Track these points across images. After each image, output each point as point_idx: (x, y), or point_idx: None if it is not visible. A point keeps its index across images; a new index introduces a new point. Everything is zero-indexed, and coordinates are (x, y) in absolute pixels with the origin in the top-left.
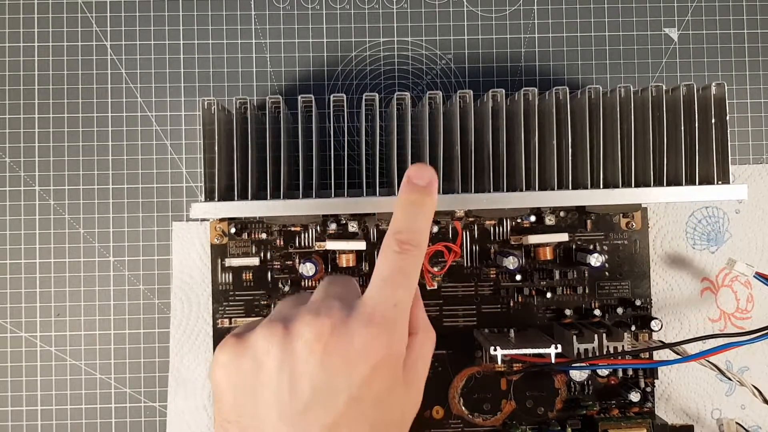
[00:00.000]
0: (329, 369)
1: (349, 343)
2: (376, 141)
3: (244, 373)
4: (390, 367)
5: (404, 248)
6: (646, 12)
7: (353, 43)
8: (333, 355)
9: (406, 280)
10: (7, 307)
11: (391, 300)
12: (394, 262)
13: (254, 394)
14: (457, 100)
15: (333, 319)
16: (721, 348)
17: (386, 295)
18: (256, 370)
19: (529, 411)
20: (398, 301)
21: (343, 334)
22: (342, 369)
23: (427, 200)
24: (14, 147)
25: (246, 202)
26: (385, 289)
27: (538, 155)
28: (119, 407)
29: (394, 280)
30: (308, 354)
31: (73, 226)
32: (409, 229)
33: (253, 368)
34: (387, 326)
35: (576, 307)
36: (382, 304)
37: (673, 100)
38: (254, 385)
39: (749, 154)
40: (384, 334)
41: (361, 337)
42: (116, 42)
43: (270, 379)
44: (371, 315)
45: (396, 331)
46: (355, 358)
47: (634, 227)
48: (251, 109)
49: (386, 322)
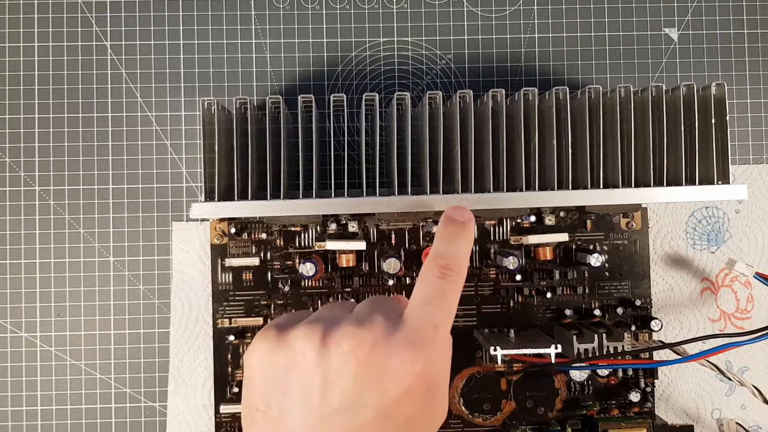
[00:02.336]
0: (362, 384)
1: (387, 362)
2: (376, 141)
3: (278, 366)
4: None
5: (444, 273)
6: (646, 12)
7: (353, 43)
8: (368, 371)
9: (445, 303)
10: (7, 307)
11: (431, 322)
12: (435, 286)
13: (284, 389)
14: (457, 100)
15: (374, 335)
16: (721, 348)
17: (427, 317)
18: (290, 367)
19: (529, 411)
20: (438, 324)
21: (381, 353)
22: (375, 386)
23: (466, 233)
24: (14, 147)
25: (246, 202)
26: (425, 311)
27: (538, 155)
28: (119, 407)
29: (434, 303)
30: (343, 365)
31: (73, 226)
32: (449, 254)
33: (287, 364)
34: (425, 349)
35: (576, 307)
36: (423, 326)
37: (673, 100)
38: (286, 381)
39: (749, 154)
40: (422, 357)
41: (399, 358)
42: (116, 42)
43: (302, 379)
44: (411, 336)
45: (434, 354)
46: (390, 378)
47: (634, 227)
48: (251, 109)
49: (425, 344)
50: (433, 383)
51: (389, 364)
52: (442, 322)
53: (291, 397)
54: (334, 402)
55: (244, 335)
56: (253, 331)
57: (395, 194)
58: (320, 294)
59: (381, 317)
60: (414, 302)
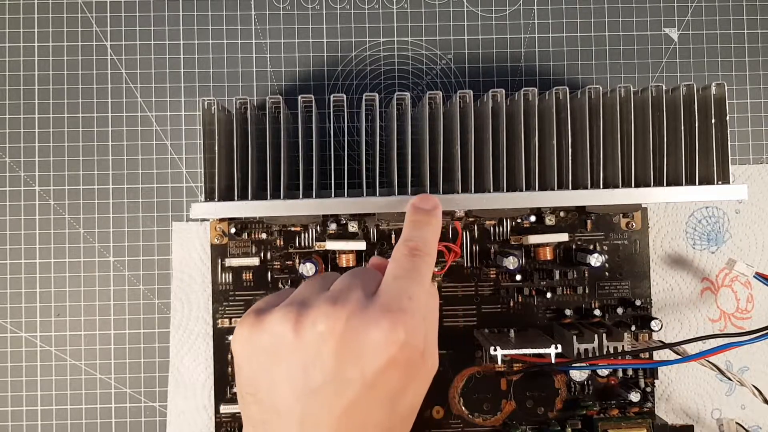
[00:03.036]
0: (342, 359)
1: (365, 334)
2: (376, 141)
3: (260, 350)
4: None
5: (415, 252)
6: (646, 12)
7: (353, 43)
8: (346, 346)
9: (418, 276)
10: (7, 307)
11: (405, 292)
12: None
13: (269, 372)
14: (457, 100)
15: (348, 310)
16: (721, 348)
17: (400, 288)
18: (272, 350)
19: (529, 411)
20: (413, 294)
21: (357, 326)
22: (355, 360)
23: (433, 220)
24: (14, 147)
25: (246, 202)
26: (399, 283)
27: (538, 155)
28: (119, 407)
29: (407, 275)
30: (321, 343)
31: (73, 226)
32: (417, 237)
33: (268, 348)
34: (403, 317)
35: (576, 307)
36: (398, 296)
37: (673, 100)
38: (270, 363)
39: (749, 154)
40: (400, 325)
41: (377, 328)
42: (116, 42)
43: (284, 361)
44: (388, 306)
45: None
46: (369, 350)
47: (634, 227)
48: (251, 109)
49: (402, 312)
50: (414, 351)
51: (368, 335)
52: (417, 293)
53: (276, 380)
54: (318, 380)
55: None
56: None
57: (395, 194)
58: None
59: (357, 291)
60: (387, 278)
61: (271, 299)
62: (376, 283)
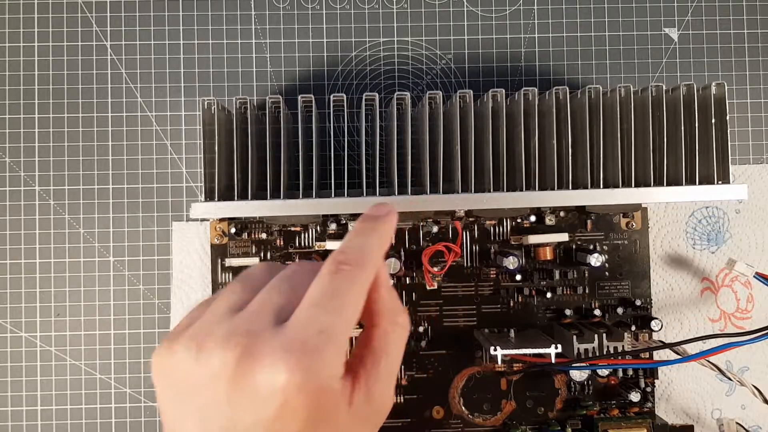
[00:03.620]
0: (235, 405)
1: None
2: (376, 141)
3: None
4: (311, 404)
5: (340, 268)
6: (646, 12)
7: (353, 43)
8: (239, 390)
9: (336, 303)
10: (7, 307)
11: (315, 326)
12: (326, 284)
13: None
14: (457, 100)
15: (243, 346)
16: (721, 348)
17: (311, 321)
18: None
19: (529, 411)
20: (325, 328)
21: (250, 366)
22: (249, 405)
23: (381, 227)
24: (14, 147)
25: (246, 202)
26: (310, 313)
27: (538, 155)
28: (119, 407)
29: (323, 303)
30: (215, 384)
31: (73, 226)
32: (352, 248)
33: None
34: (306, 357)
35: (576, 307)
36: (305, 330)
37: (673, 100)
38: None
39: (749, 154)
40: (300, 367)
41: (268, 370)
42: (116, 42)
43: (188, 399)
44: (288, 344)
45: (320, 361)
46: (262, 395)
47: (634, 227)
48: (251, 109)
49: (306, 351)
50: (326, 394)
51: (259, 378)
52: (332, 326)
53: (185, 419)
54: (215, 425)
55: None
56: None
57: (395, 194)
58: None
59: (265, 317)
60: (303, 304)
61: (185, 320)
62: (299, 299)
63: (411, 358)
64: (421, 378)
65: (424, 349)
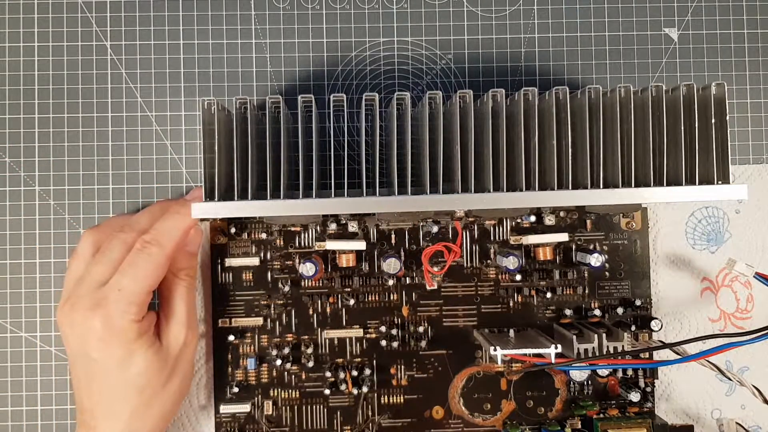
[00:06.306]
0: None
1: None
2: (376, 141)
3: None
4: (113, 336)
5: (144, 246)
6: (646, 12)
7: (353, 43)
8: (75, 330)
9: (133, 270)
10: (7, 307)
11: (116, 286)
12: (131, 258)
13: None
14: (457, 100)
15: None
16: (721, 348)
17: (115, 282)
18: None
19: (529, 411)
20: (123, 287)
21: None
22: (78, 340)
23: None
24: (14, 147)
25: (246, 202)
26: (116, 278)
27: (538, 155)
28: None
29: (124, 270)
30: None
31: (73, 225)
32: (156, 229)
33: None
34: (107, 306)
35: (576, 307)
36: (110, 289)
37: (673, 100)
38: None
39: (749, 154)
40: (99, 313)
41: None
42: (116, 42)
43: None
44: (97, 300)
45: (115, 309)
46: (83, 333)
47: (634, 227)
48: (251, 109)
49: (106, 303)
50: (121, 331)
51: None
52: (128, 286)
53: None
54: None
55: (244, 335)
56: (252, 331)
57: (395, 194)
58: (320, 294)
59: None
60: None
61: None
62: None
63: (411, 358)
64: (421, 378)
65: (424, 349)
